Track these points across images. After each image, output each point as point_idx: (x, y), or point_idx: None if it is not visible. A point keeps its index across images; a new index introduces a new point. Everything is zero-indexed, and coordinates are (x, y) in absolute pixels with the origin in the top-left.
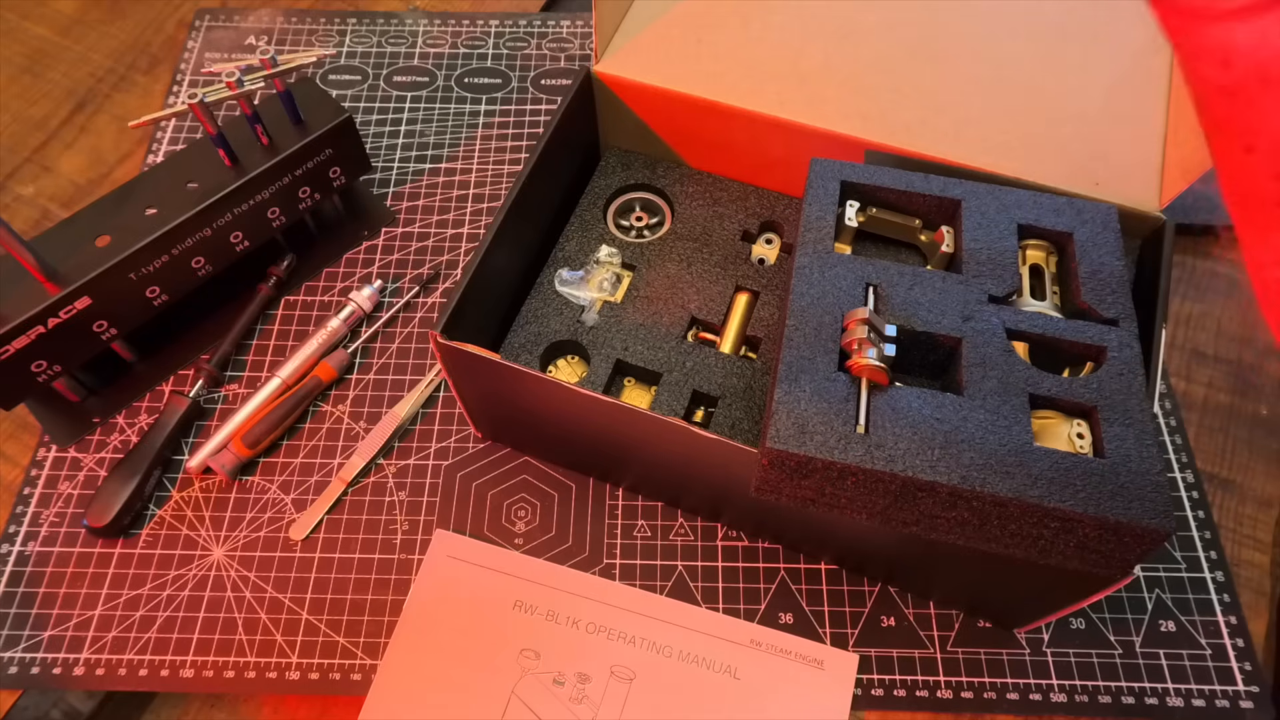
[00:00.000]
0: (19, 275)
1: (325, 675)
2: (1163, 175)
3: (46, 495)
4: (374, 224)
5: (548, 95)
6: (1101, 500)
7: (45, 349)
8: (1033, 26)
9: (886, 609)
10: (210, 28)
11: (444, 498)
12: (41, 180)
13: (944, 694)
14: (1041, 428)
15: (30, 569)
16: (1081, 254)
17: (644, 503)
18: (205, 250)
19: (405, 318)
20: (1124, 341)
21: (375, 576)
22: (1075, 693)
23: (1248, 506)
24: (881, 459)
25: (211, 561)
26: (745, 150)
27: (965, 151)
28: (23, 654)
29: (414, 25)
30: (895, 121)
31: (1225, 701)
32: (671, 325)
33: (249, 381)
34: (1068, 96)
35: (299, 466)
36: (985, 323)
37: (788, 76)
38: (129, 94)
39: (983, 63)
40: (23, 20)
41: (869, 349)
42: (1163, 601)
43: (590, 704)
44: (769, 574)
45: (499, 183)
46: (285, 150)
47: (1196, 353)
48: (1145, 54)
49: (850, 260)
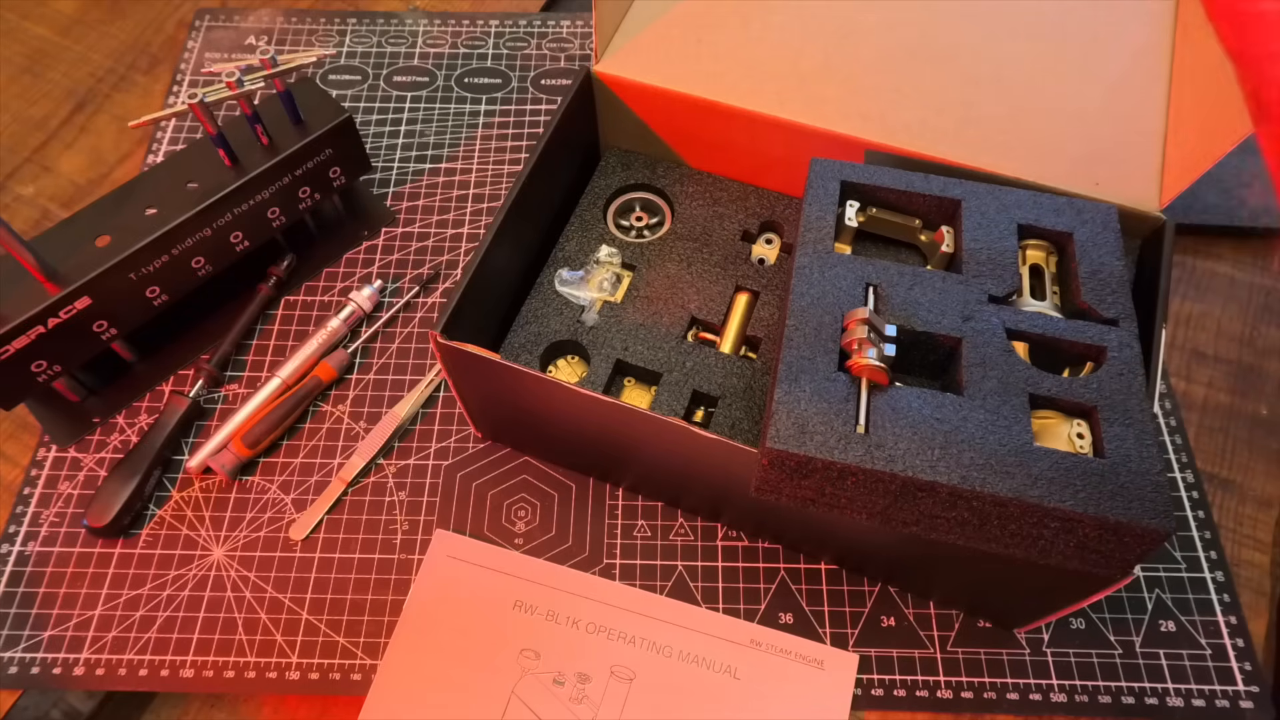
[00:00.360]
0: (19, 275)
1: (325, 675)
2: (1163, 175)
3: (46, 495)
4: (374, 224)
5: (548, 95)
6: (1101, 500)
7: (45, 349)
8: (1032, 26)
9: (886, 609)
10: (210, 28)
11: (444, 498)
12: (41, 180)
13: (944, 694)
14: (1041, 428)
15: (30, 569)
16: (1081, 254)
17: (644, 503)
18: (205, 250)
19: (405, 318)
20: (1124, 341)
21: (375, 576)
22: (1075, 693)
23: (1248, 506)
24: (881, 459)
25: (211, 561)
26: (745, 150)
27: (965, 151)
28: (23, 654)
29: (414, 25)
30: (895, 121)
31: (1225, 701)
32: (671, 325)
33: (249, 381)
34: (1068, 96)
35: (299, 466)
36: (985, 323)
37: (788, 76)
38: (129, 94)
39: (983, 63)
40: (23, 20)
41: (869, 349)
42: (1163, 601)
43: (590, 704)
44: (769, 574)
45: (499, 183)
46: (285, 150)
47: (1196, 353)
48: (1145, 54)
49: (850, 260)
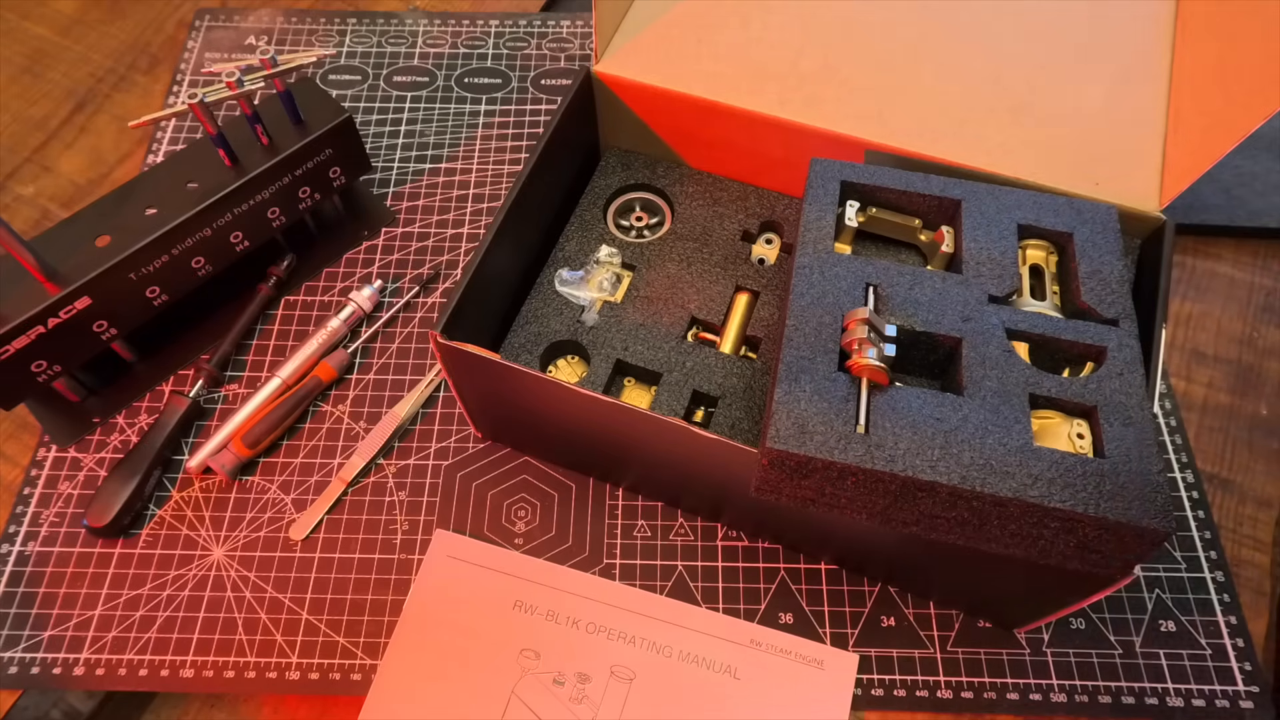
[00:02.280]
0: (19, 275)
1: (325, 675)
2: (1163, 175)
3: (46, 495)
4: (374, 224)
5: (548, 95)
6: (1102, 500)
7: (45, 349)
8: (1032, 26)
9: (886, 609)
10: (210, 28)
11: (444, 498)
12: (41, 180)
13: (944, 694)
14: (1042, 428)
15: (30, 569)
16: (1081, 254)
17: (644, 503)
18: (205, 250)
19: (405, 318)
20: (1124, 341)
21: (375, 576)
22: (1075, 693)
23: (1248, 506)
24: (881, 459)
25: (211, 561)
26: (745, 150)
27: (965, 151)
28: (23, 654)
29: (414, 25)
30: (895, 121)
31: (1225, 701)
32: (671, 325)
33: (249, 381)
34: (1068, 96)
35: (299, 466)
36: (985, 323)
37: (788, 76)
38: (129, 94)
39: (983, 63)
40: (23, 20)
41: (869, 349)
42: (1163, 601)
43: (590, 704)
44: (769, 574)
45: (499, 183)
46: (285, 150)
47: (1196, 353)
48: (1145, 54)
49: (850, 260)
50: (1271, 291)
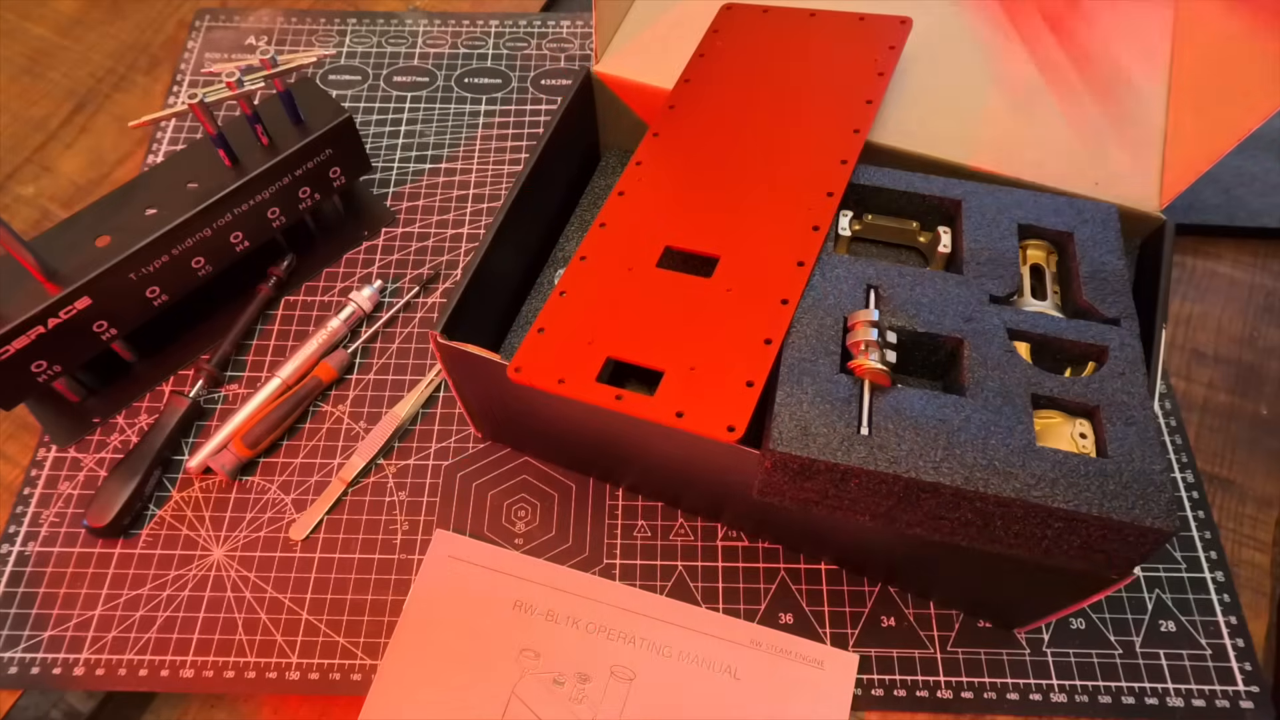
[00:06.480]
0: (19, 275)
1: (325, 675)
2: (1163, 175)
3: (46, 495)
4: (374, 224)
5: (548, 95)
6: (1105, 500)
7: (45, 349)
8: (1032, 26)
9: (886, 609)
10: (210, 28)
11: (444, 498)
12: (41, 180)
13: (944, 694)
14: (1044, 428)
15: (30, 569)
16: (1082, 253)
17: (644, 503)
18: (205, 250)
19: (405, 318)
20: (1126, 340)
21: (375, 576)
22: (1075, 693)
23: (1248, 506)
24: (884, 460)
25: (211, 561)
26: None
27: (965, 151)
28: (23, 654)
29: (414, 25)
30: (895, 121)
31: (1225, 702)
32: None
33: (249, 381)
34: (1068, 96)
35: (299, 466)
36: (987, 323)
37: None
38: (129, 94)
39: (982, 63)
40: (23, 20)
41: (874, 351)
42: (1163, 601)
43: (590, 704)
44: (769, 574)
45: (499, 183)
46: (285, 150)
47: (1196, 353)
48: (1145, 54)
49: (851, 261)
50: (1271, 291)
